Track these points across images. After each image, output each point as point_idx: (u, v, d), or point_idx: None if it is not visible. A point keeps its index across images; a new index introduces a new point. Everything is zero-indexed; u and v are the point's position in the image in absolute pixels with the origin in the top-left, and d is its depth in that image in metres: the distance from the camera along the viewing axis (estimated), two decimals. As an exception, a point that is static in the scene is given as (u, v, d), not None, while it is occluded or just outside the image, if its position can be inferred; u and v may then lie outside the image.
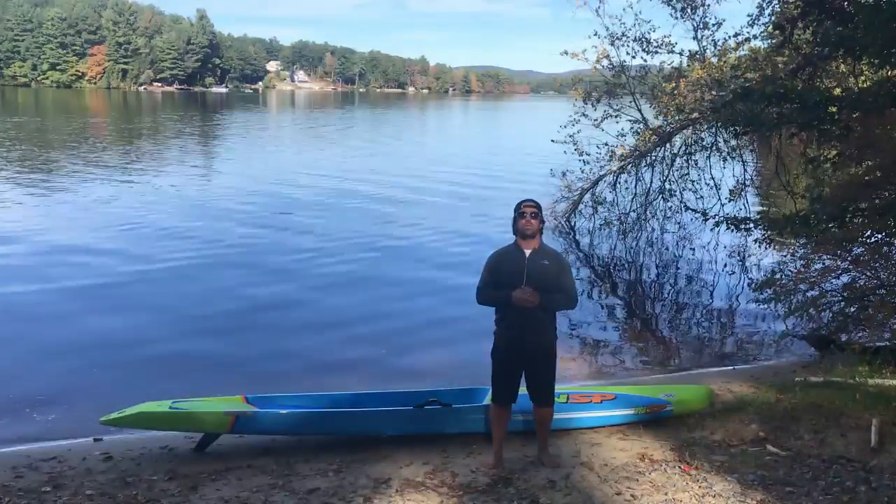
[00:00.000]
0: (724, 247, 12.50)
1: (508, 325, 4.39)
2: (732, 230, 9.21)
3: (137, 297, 9.35)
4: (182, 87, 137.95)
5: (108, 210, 15.31)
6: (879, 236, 7.16)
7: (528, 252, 4.38)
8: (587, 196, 14.12)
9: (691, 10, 12.89)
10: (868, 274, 6.92)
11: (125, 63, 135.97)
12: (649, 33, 13.14)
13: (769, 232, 8.93)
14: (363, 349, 7.88)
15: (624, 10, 13.60)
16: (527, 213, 4.39)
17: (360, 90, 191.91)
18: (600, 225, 13.80)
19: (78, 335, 7.93)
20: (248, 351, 7.68)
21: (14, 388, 6.43)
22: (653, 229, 13.80)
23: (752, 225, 8.79)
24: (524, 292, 4.24)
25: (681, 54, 13.21)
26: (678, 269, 12.29)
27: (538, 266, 4.34)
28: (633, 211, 13.77)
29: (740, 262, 12.02)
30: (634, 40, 13.23)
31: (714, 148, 13.21)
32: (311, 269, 11.14)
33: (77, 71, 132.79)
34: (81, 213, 14.86)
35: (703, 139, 13.38)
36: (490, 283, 4.43)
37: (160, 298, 9.35)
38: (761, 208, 15.32)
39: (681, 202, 13.54)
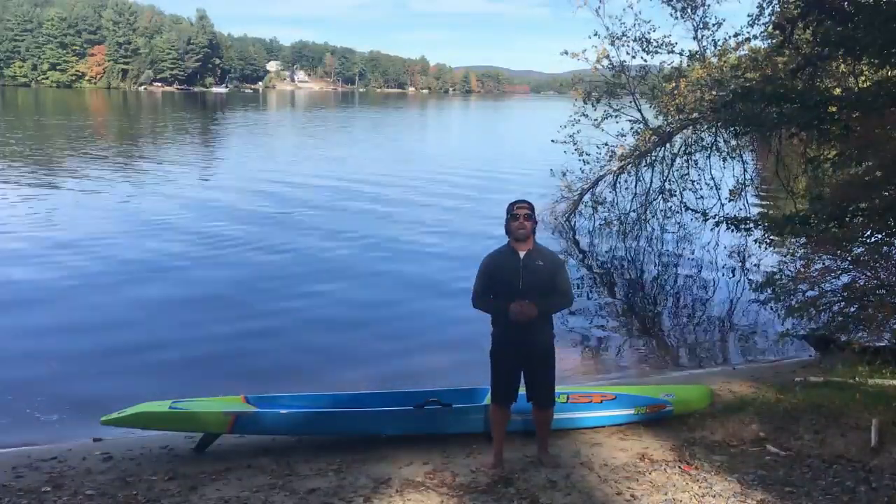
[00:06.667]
0: (724, 247, 12.49)
1: (505, 327, 4.37)
2: (732, 230, 9.21)
3: (137, 297, 9.34)
4: (182, 87, 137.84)
5: (108, 210, 15.33)
6: (879, 236, 7.15)
7: (522, 254, 4.34)
8: (587, 196, 14.13)
9: (691, 10, 12.91)
10: (868, 274, 6.91)
11: (125, 63, 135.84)
12: (649, 33, 13.17)
13: (769, 232, 8.92)
14: (363, 349, 7.89)
15: (624, 10, 13.71)
16: (520, 216, 4.33)
17: (360, 90, 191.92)
18: (600, 225, 13.81)
19: (78, 335, 7.93)
20: (248, 351, 7.69)
21: (14, 388, 6.43)
22: (653, 229, 13.80)
23: (752, 225, 8.78)
24: (522, 307, 4.19)
25: (681, 54, 13.24)
26: (678, 269, 12.29)
27: (533, 268, 4.31)
28: (633, 211, 13.78)
29: (740, 262, 12.02)
30: (634, 40, 13.25)
31: (714, 148, 13.22)
32: (311, 270, 11.15)
33: (77, 71, 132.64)
34: (82, 213, 14.86)
35: (703, 139, 13.39)
36: (485, 288, 4.41)
37: (159, 298, 9.34)
38: (761, 208, 15.32)
39: (681, 202, 13.54)
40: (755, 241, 10.27)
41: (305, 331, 8.39)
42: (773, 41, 11.29)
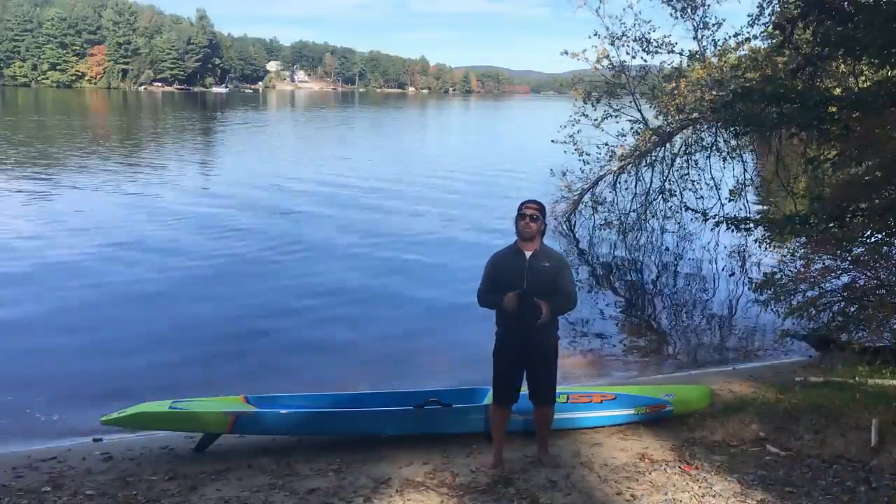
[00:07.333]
0: (724, 247, 12.49)
1: (509, 326, 4.37)
2: (732, 230, 9.20)
3: (137, 299, 9.35)
4: (182, 87, 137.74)
5: (107, 213, 15.33)
6: (879, 236, 7.15)
7: (528, 254, 4.34)
8: (587, 196, 14.12)
9: (691, 10, 12.89)
10: (868, 274, 6.92)
11: (125, 63, 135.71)
12: (649, 33, 13.15)
13: (769, 232, 8.92)
14: (363, 350, 7.89)
15: (624, 10, 13.65)
16: (527, 216, 4.33)
17: (360, 90, 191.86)
18: (600, 225, 13.80)
19: (77, 336, 7.93)
20: (248, 351, 7.69)
21: (15, 388, 6.43)
22: (653, 229, 13.79)
23: (752, 225, 8.78)
24: (514, 301, 4.19)
25: (681, 54, 13.21)
26: (678, 269, 12.29)
27: (538, 269, 4.30)
28: (633, 211, 13.77)
29: (740, 262, 12.02)
30: (634, 40, 13.22)
31: (714, 148, 13.21)
32: (311, 272, 11.14)
33: (77, 71, 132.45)
34: (80, 216, 14.86)
35: (703, 139, 13.38)
36: (489, 287, 4.39)
37: (160, 300, 9.35)
38: (761, 208, 15.32)
39: (681, 202, 13.53)
40: (755, 241, 10.27)
41: (306, 332, 8.38)
42: (773, 41, 11.29)
